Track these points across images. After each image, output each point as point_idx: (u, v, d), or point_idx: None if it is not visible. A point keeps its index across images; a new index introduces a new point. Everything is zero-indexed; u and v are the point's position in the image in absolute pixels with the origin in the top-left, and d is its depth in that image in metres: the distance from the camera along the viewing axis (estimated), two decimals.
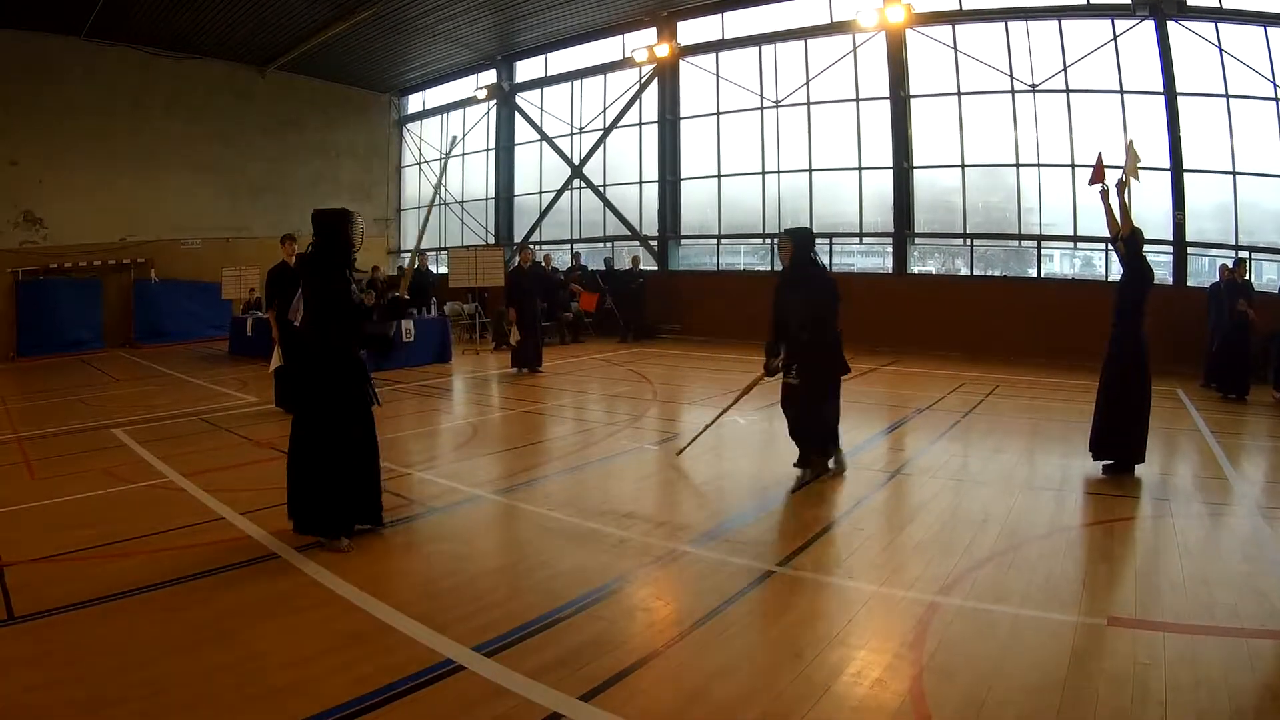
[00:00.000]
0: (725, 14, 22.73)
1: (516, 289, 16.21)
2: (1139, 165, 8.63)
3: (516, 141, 28.56)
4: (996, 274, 19.34)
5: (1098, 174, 8.47)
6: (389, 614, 4.82)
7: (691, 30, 23.50)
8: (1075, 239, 18.22)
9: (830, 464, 8.16)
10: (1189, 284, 16.38)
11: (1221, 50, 16.11)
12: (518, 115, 28.10)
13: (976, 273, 19.40)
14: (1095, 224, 17.18)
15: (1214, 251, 16.14)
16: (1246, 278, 13.75)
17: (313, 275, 6.32)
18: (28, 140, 21.96)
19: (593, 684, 3.99)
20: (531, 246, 20.07)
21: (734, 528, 6.47)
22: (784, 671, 4.11)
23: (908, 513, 7.00)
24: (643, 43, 23.61)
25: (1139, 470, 8.08)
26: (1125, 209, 8.27)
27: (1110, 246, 12.33)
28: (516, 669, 4.14)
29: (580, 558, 5.89)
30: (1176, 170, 16.63)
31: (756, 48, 22.21)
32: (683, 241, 24.34)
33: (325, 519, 6.09)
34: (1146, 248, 8.40)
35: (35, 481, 8.30)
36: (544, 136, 27.17)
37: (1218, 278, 14.68)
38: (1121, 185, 8.29)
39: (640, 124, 24.86)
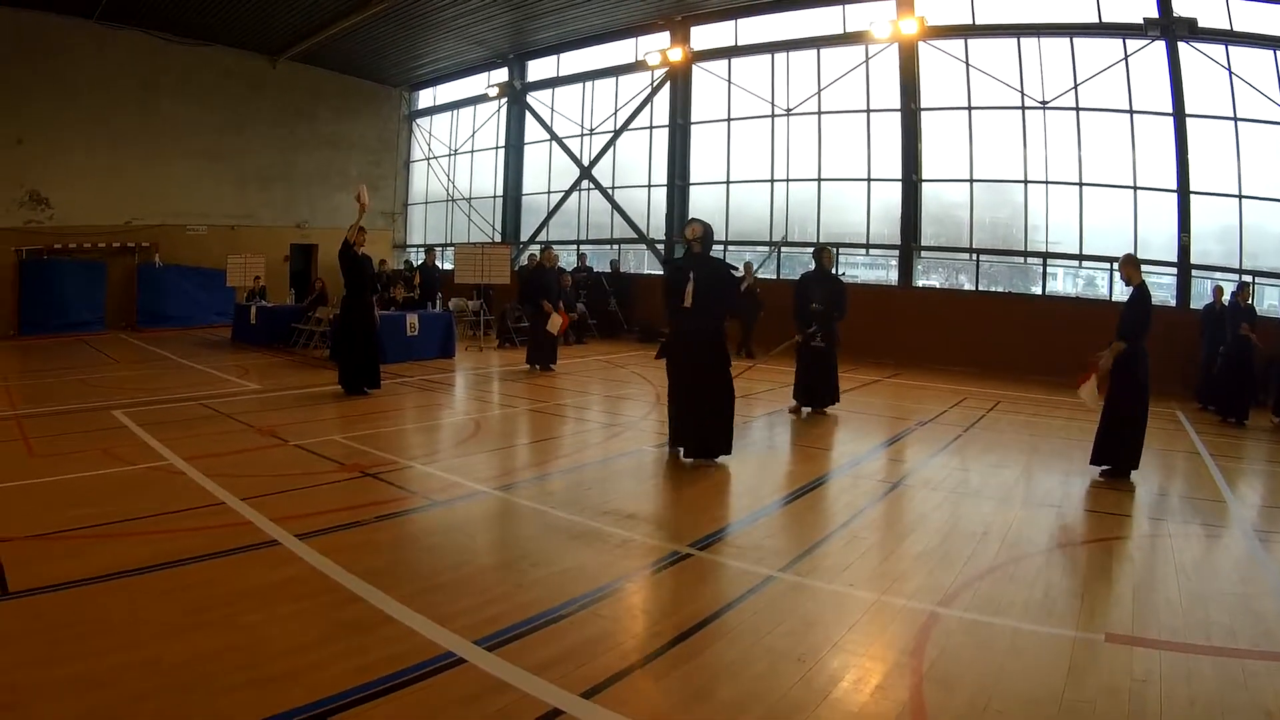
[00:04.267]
0: (739, 20, 22.75)
1: (544, 287, 16.48)
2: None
3: (526, 140, 28.57)
4: (1000, 290, 19.38)
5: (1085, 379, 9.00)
6: (390, 605, 4.81)
7: (705, 35, 23.53)
8: (1080, 258, 18.23)
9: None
10: (1192, 306, 16.36)
11: (1231, 73, 16.14)
12: (528, 114, 28.12)
13: (981, 288, 19.43)
14: (1100, 244, 17.34)
15: (1218, 274, 16.11)
16: (1249, 301, 13.74)
17: (715, 270, 8.91)
18: (36, 120, 21.98)
19: (594, 681, 3.98)
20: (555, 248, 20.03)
21: (735, 532, 6.49)
22: (785, 675, 4.11)
23: (908, 523, 7.01)
24: (656, 46, 23.70)
25: (1138, 491, 8.20)
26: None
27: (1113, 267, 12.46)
28: (518, 664, 4.13)
29: (582, 556, 5.90)
30: (1183, 192, 16.66)
31: (769, 55, 22.25)
32: None
33: (729, 441, 8.81)
34: (1150, 268, 8.61)
35: (34, 459, 8.32)
36: (554, 136, 27.20)
37: (1211, 299, 14.75)
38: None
39: (651, 127, 24.93)
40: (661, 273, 22.65)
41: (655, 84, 24.50)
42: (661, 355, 9.12)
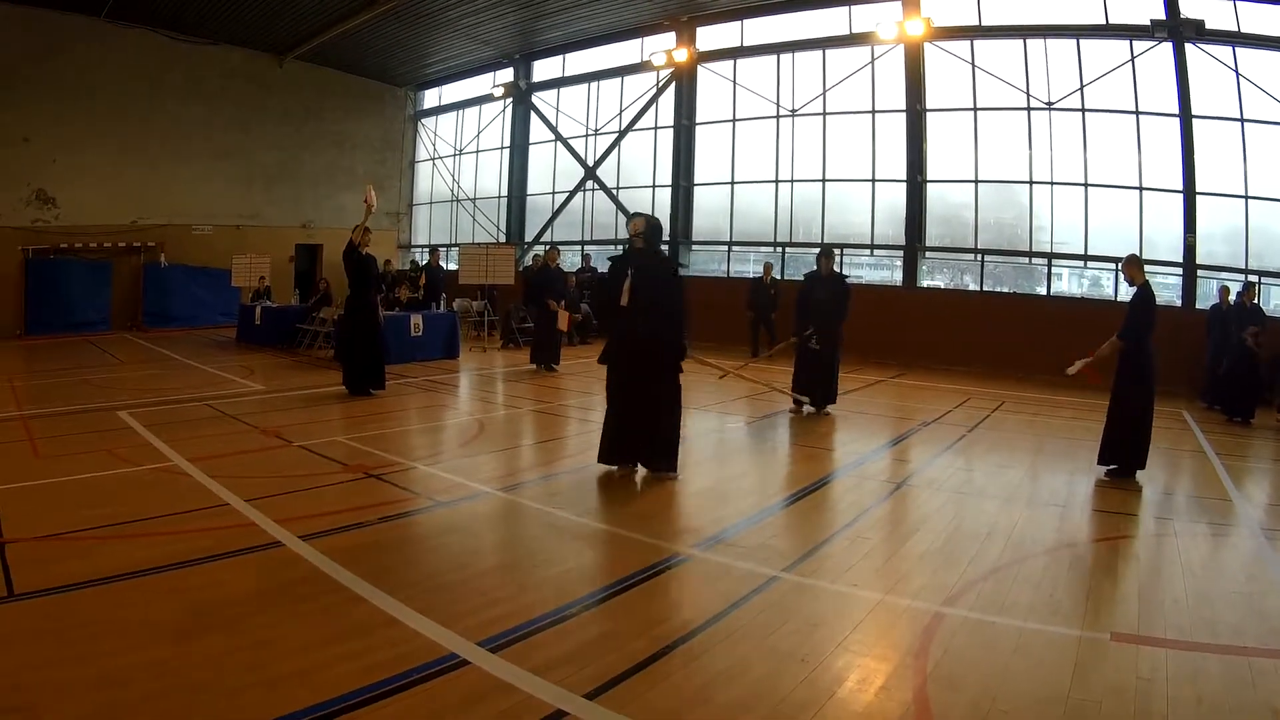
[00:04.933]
0: (744, 21, 22.77)
1: (550, 286, 16.73)
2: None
3: (531, 141, 28.60)
4: (1005, 290, 19.36)
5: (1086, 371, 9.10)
6: (395, 606, 4.81)
7: (710, 36, 23.53)
8: (1085, 258, 18.20)
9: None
10: (1198, 306, 16.35)
11: (1238, 74, 16.11)
12: (533, 114, 28.15)
13: (986, 288, 19.40)
14: (1106, 244, 17.31)
15: (1224, 275, 16.07)
16: (1255, 302, 13.73)
17: (655, 268, 8.21)
18: (42, 118, 21.99)
19: (598, 682, 3.99)
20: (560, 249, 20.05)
21: (738, 533, 6.47)
22: (788, 676, 4.11)
23: (912, 523, 7.00)
24: (661, 47, 23.70)
25: (1144, 490, 8.24)
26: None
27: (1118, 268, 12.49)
28: (522, 665, 4.13)
29: (586, 557, 5.93)
30: (1189, 193, 16.63)
31: (775, 56, 22.25)
32: (694, 247, 24.28)
33: (674, 455, 8.13)
34: (1155, 268, 8.63)
35: (39, 460, 8.32)
36: (559, 137, 27.23)
37: (1217, 299, 14.77)
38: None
39: (656, 128, 24.94)
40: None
41: (660, 84, 24.49)
42: (603, 360, 8.44)
